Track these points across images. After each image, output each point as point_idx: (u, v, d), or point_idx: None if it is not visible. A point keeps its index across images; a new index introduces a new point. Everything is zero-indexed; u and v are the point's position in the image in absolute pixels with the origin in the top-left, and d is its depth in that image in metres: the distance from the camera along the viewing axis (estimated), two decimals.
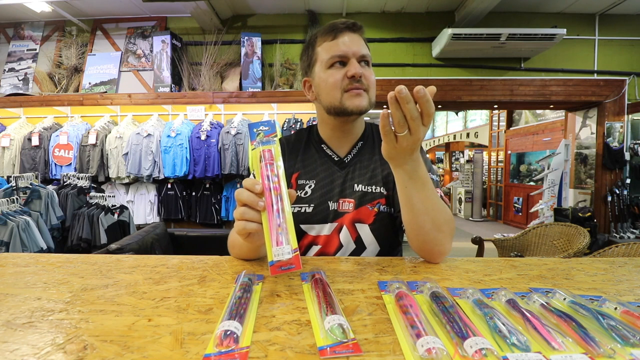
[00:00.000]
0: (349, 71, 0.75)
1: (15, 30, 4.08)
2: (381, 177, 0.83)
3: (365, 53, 0.78)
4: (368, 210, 0.80)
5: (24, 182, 2.62)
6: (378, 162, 0.84)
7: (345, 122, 0.83)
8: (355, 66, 0.75)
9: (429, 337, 0.34)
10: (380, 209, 0.81)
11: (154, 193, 3.53)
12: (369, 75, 0.78)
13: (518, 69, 3.85)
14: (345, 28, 0.78)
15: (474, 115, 8.46)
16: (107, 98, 3.66)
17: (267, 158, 0.54)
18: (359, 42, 0.78)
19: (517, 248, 2.56)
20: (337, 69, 0.77)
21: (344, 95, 0.77)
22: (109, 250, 1.85)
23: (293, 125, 3.40)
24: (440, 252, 0.66)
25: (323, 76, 0.79)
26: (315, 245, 0.82)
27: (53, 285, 0.53)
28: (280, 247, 0.49)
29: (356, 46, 0.77)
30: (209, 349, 0.34)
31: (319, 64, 0.80)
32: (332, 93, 0.77)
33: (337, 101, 0.77)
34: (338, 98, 0.77)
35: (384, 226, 0.81)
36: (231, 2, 3.65)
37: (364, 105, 0.77)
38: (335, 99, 0.77)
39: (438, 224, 0.64)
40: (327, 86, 0.78)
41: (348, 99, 0.76)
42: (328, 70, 0.78)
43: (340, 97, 0.77)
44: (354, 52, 0.76)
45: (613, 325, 0.38)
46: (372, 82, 0.78)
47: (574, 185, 4.23)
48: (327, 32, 0.79)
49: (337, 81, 0.76)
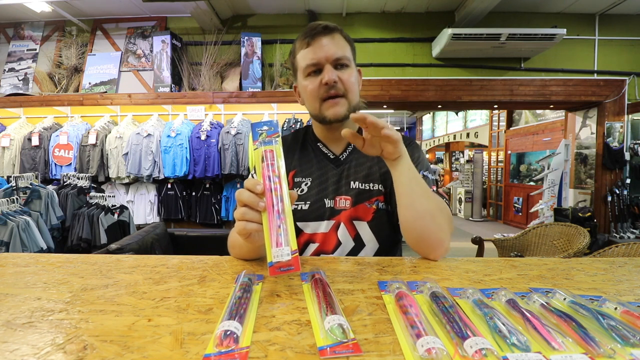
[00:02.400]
0: (323, 78, 0.75)
1: (15, 30, 4.08)
2: (379, 174, 0.83)
3: (341, 55, 0.76)
4: (366, 208, 0.80)
5: (24, 182, 2.62)
6: (375, 160, 0.84)
7: (332, 128, 0.84)
8: (329, 72, 0.74)
9: (429, 337, 0.34)
10: (379, 206, 0.81)
11: (154, 193, 3.53)
12: (347, 77, 0.77)
13: (518, 69, 3.85)
14: (318, 33, 0.76)
15: (474, 115, 8.46)
16: (107, 98, 3.66)
17: (269, 158, 0.54)
18: (335, 44, 0.76)
19: (517, 248, 2.56)
20: (313, 77, 0.77)
21: (322, 105, 0.78)
22: (109, 250, 1.85)
23: (293, 125, 3.40)
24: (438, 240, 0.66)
25: (303, 84, 0.80)
26: (312, 243, 0.82)
27: (53, 285, 0.53)
28: (279, 248, 0.49)
29: (331, 50, 0.75)
30: (209, 349, 0.34)
31: (299, 71, 0.80)
32: (312, 102, 0.79)
33: (317, 110, 0.79)
34: (317, 107, 0.78)
35: (383, 223, 0.81)
36: (231, 2, 3.65)
37: (342, 112, 0.78)
38: (315, 108, 0.79)
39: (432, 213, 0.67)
40: (307, 95, 0.79)
41: (326, 108, 0.77)
42: (306, 79, 0.78)
43: (319, 107, 0.78)
44: (328, 57, 0.75)
45: (613, 325, 0.38)
46: (350, 84, 0.77)
47: (574, 185, 4.23)
48: (302, 39, 0.78)
49: (315, 90, 0.77)
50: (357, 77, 0.82)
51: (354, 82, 0.79)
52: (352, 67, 0.79)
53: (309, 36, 0.76)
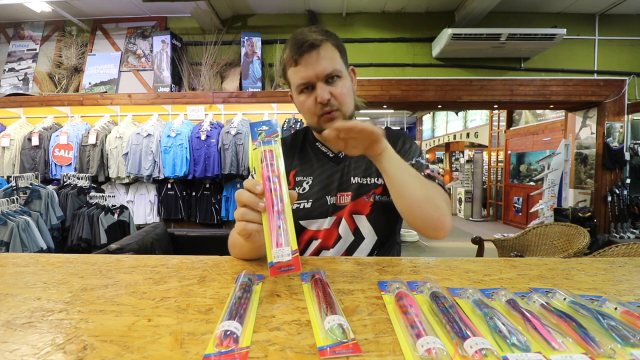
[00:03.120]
0: (317, 97, 0.75)
1: (15, 30, 4.08)
2: (375, 167, 0.84)
3: (331, 70, 0.75)
4: (364, 201, 0.82)
5: (24, 182, 2.62)
6: None
7: None
8: (322, 90, 0.74)
9: (428, 337, 0.34)
10: (376, 199, 0.83)
11: (154, 193, 3.53)
12: (340, 91, 0.76)
13: (518, 69, 3.85)
14: (304, 51, 0.74)
15: (474, 115, 8.45)
16: (107, 98, 3.66)
17: (268, 158, 0.54)
18: (324, 58, 0.75)
19: (517, 248, 2.56)
20: (307, 94, 0.78)
21: (320, 119, 0.79)
22: (109, 250, 1.85)
23: (293, 125, 3.40)
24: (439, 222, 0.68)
25: (298, 100, 0.80)
26: (315, 239, 0.83)
27: (53, 285, 0.53)
28: (280, 248, 0.49)
29: (320, 67, 0.74)
30: (208, 349, 0.34)
31: (292, 87, 0.81)
32: (309, 118, 0.81)
33: (315, 124, 0.81)
34: (315, 121, 0.80)
35: (381, 215, 0.83)
36: (231, 2, 3.65)
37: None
38: (313, 122, 0.81)
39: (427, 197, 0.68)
40: (303, 111, 0.81)
41: (324, 123, 0.78)
42: (300, 96, 0.79)
43: (317, 121, 0.79)
44: (318, 74, 0.74)
45: (613, 325, 0.38)
46: (343, 97, 0.77)
47: (574, 185, 4.23)
48: (290, 55, 0.76)
49: (311, 107, 0.78)
50: (350, 83, 0.81)
51: (347, 92, 0.78)
52: (343, 77, 0.78)
53: (297, 54, 0.75)
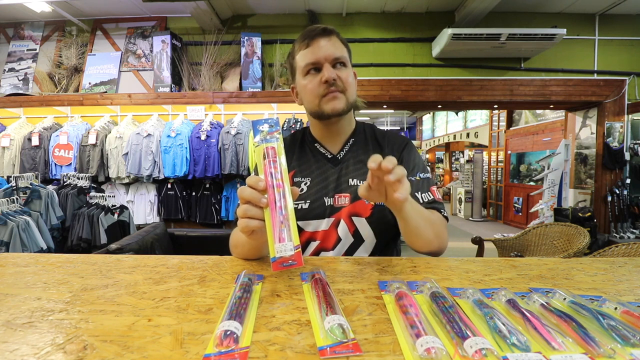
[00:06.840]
0: (323, 76, 0.78)
1: (15, 30, 4.08)
2: None
3: (340, 55, 0.80)
4: (364, 204, 0.82)
5: (24, 182, 2.62)
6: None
7: (330, 124, 0.86)
8: (329, 71, 0.78)
9: (428, 337, 0.34)
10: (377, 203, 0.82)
11: (154, 193, 3.53)
12: (346, 76, 0.80)
13: (518, 69, 3.85)
14: (317, 34, 0.80)
15: (474, 115, 8.46)
16: (107, 98, 3.66)
17: (271, 155, 0.54)
18: (333, 45, 0.80)
19: (517, 248, 2.56)
20: (313, 76, 0.80)
21: (321, 100, 0.80)
22: (109, 250, 1.85)
23: (293, 125, 3.40)
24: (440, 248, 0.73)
25: (302, 83, 0.82)
26: (313, 241, 0.83)
27: (53, 285, 0.53)
28: (282, 243, 0.49)
29: (329, 50, 0.79)
30: (209, 349, 0.34)
31: (298, 71, 0.83)
32: (311, 99, 0.82)
33: (316, 106, 0.82)
34: (316, 103, 0.81)
35: (382, 218, 0.82)
36: (231, 2, 3.65)
37: (341, 107, 0.80)
38: (314, 105, 0.82)
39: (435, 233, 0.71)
40: (307, 93, 0.82)
41: (325, 102, 0.80)
42: (306, 78, 0.81)
43: (319, 102, 0.81)
44: (327, 56, 0.79)
45: (613, 325, 0.38)
46: (349, 82, 0.81)
47: (574, 185, 4.23)
48: (301, 41, 0.82)
49: (315, 88, 0.80)
50: (354, 78, 0.85)
51: (352, 81, 0.83)
52: (349, 67, 0.83)
53: (308, 37, 0.80)
